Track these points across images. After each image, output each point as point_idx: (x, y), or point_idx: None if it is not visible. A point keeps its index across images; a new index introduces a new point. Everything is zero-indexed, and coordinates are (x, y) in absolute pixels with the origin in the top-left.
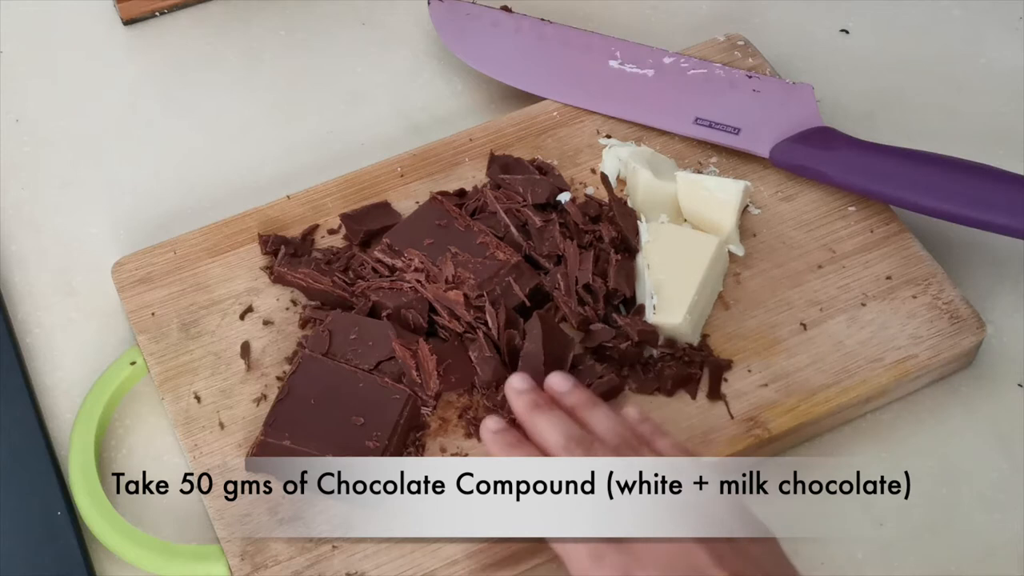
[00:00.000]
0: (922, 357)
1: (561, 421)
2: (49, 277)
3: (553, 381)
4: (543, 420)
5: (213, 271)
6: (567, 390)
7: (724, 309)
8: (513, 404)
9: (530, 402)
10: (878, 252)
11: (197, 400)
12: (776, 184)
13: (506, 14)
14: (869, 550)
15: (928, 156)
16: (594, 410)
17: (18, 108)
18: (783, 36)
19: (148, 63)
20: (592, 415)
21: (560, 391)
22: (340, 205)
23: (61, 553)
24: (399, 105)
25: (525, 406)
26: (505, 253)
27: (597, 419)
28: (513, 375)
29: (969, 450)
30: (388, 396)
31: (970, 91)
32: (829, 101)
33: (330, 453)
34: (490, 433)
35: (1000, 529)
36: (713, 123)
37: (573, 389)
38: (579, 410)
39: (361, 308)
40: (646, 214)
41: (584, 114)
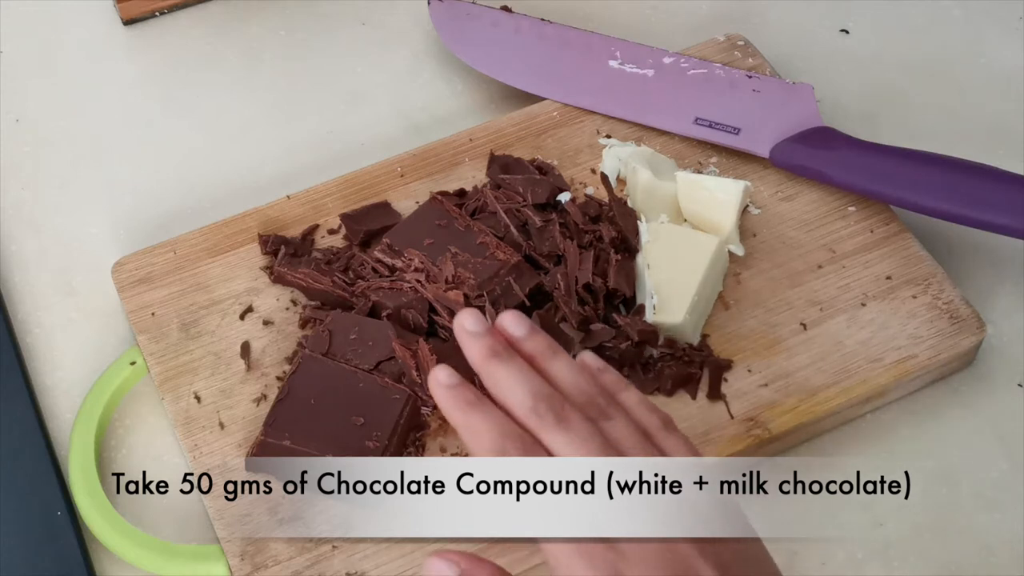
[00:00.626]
0: (922, 357)
1: (524, 375)
2: (49, 277)
3: (507, 322)
4: (503, 372)
5: (213, 271)
6: (524, 334)
7: (724, 309)
8: (466, 349)
9: (487, 348)
10: (878, 252)
11: (197, 400)
12: (776, 184)
13: (506, 14)
14: (869, 550)
15: (928, 156)
16: (555, 359)
17: (18, 108)
18: (783, 36)
19: (148, 63)
20: (554, 364)
21: (517, 335)
22: (340, 205)
23: (61, 553)
24: (399, 105)
25: (481, 353)
26: (505, 253)
27: (559, 370)
28: (463, 312)
29: (969, 450)
30: (388, 396)
31: (970, 91)
32: (829, 101)
33: (330, 453)
34: (443, 389)
35: (1000, 529)
36: (713, 123)
37: (531, 333)
38: (539, 359)
39: (361, 308)
40: (646, 214)
41: (584, 114)
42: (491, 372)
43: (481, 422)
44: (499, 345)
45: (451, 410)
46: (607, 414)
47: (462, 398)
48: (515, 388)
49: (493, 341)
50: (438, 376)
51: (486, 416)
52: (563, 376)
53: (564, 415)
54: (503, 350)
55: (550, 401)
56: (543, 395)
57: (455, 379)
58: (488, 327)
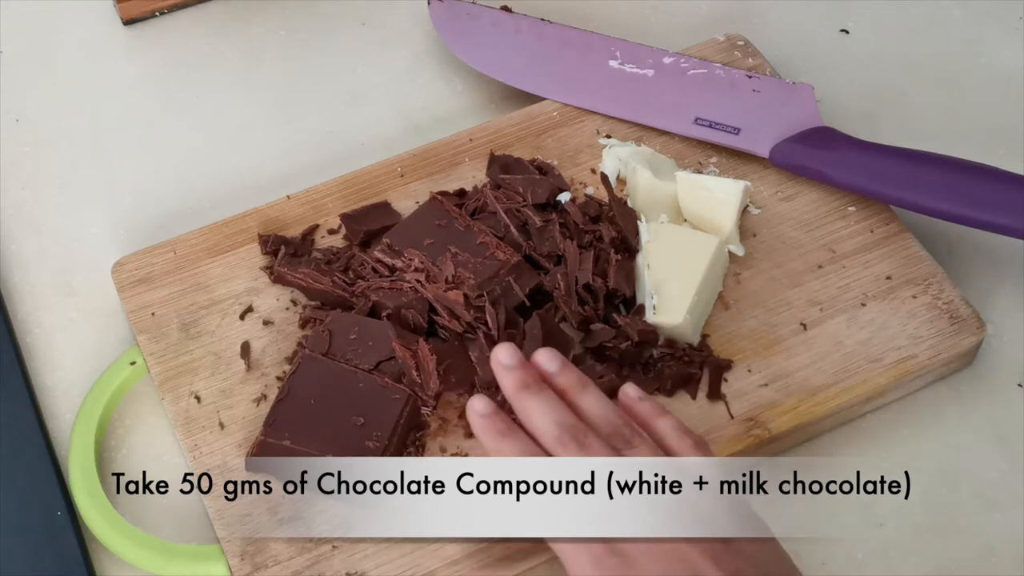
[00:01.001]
0: (922, 357)
1: (552, 406)
2: (49, 277)
3: (541, 359)
4: (533, 403)
5: (213, 271)
6: (556, 370)
7: (724, 309)
8: (500, 381)
9: (519, 381)
10: (878, 252)
11: (197, 400)
12: (776, 184)
13: (506, 14)
14: (869, 550)
15: (928, 156)
16: (584, 393)
17: (18, 108)
18: (783, 36)
19: (148, 63)
20: (583, 398)
21: (549, 371)
22: (340, 205)
23: (61, 553)
24: (399, 105)
25: (514, 385)
26: (505, 253)
27: (588, 403)
28: (500, 346)
29: (969, 450)
30: (388, 396)
31: (970, 91)
32: (829, 101)
33: (330, 453)
34: (478, 417)
35: (1000, 529)
36: (713, 123)
37: (562, 369)
38: (569, 392)
39: (361, 308)
40: (646, 214)
41: (584, 114)
42: (521, 403)
43: (510, 448)
44: (530, 378)
45: (484, 438)
46: (631, 443)
47: (494, 427)
48: (543, 418)
49: (525, 374)
50: (475, 406)
51: (514, 444)
52: (591, 408)
53: (586, 443)
54: (534, 383)
55: (574, 431)
56: (567, 425)
57: (490, 408)
58: (522, 360)
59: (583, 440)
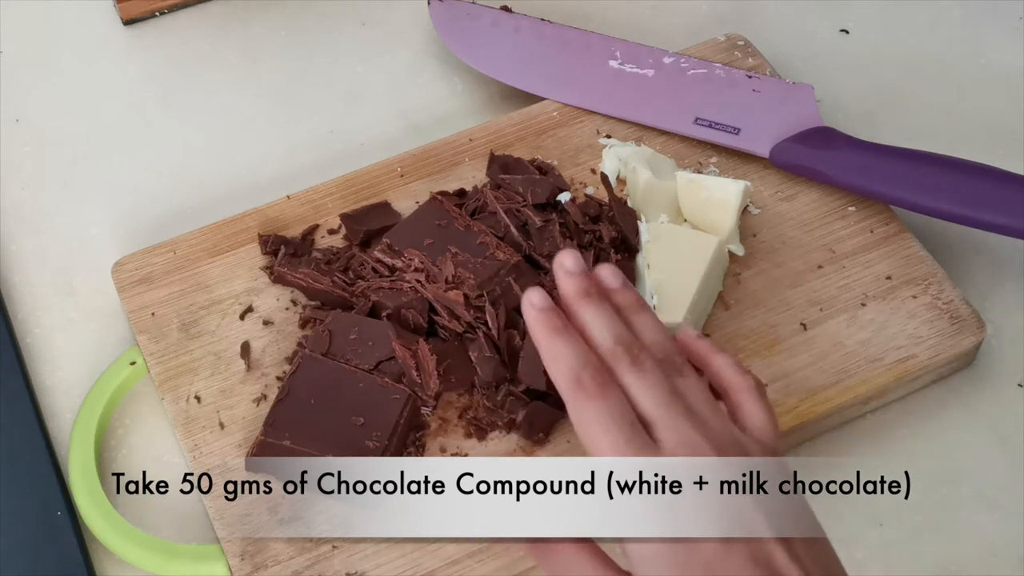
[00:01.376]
0: (922, 357)
1: (611, 318)
2: (49, 277)
3: (604, 274)
4: (592, 312)
5: (213, 271)
6: (617, 287)
7: (724, 309)
8: (561, 284)
9: (580, 288)
10: (878, 252)
11: (197, 400)
12: (776, 184)
13: (506, 14)
14: (869, 550)
15: (928, 156)
16: (641, 313)
17: (18, 108)
18: (783, 36)
19: (148, 63)
20: (638, 318)
21: (611, 286)
22: (340, 205)
23: (61, 553)
24: (399, 105)
25: (575, 290)
26: (505, 253)
27: (643, 324)
28: (564, 252)
29: (969, 450)
30: (388, 396)
31: (970, 91)
32: (829, 101)
33: (330, 453)
34: (535, 310)
35: (1000, 529)
36: (713, 123)
37: (623, 288)
38: (626, 311)
39: (361, 308)
40: (646, 214)
41: (584, 114)
42: (581, 309)
43: (564, 347)
44: (592, 287)
45: (537, 331)
46: (681, 372)
47: (550, 323)
48: (600, 327)
49: (587, 283)
50: (531, 297)
51: (569, 343)
52: (646, 330)
53: (640, 359)
54: (595, 292)
55: (629, 345)
56: (624, 339)
57: (547, 302)
58: (585, 269)
59: (637, 356)
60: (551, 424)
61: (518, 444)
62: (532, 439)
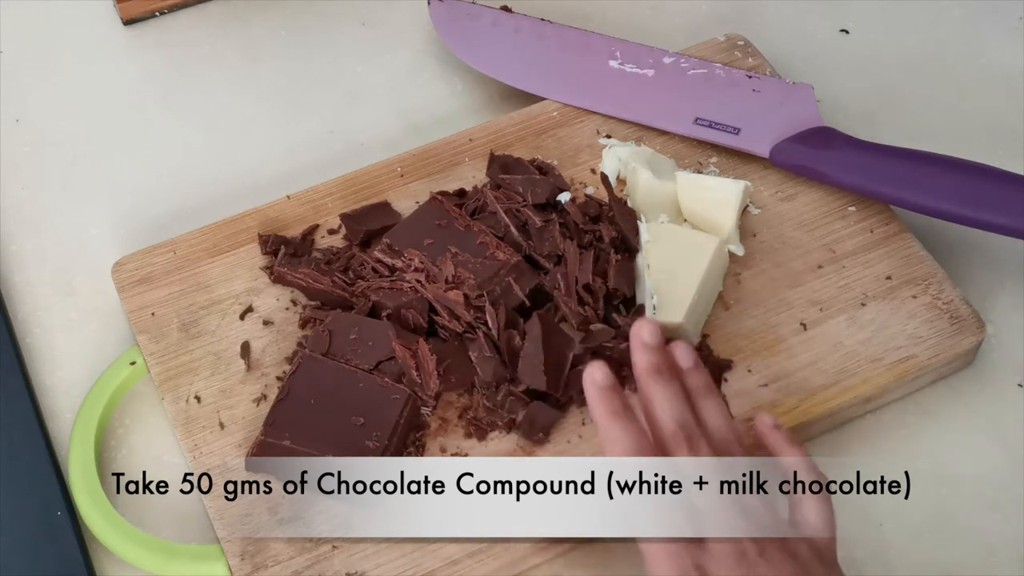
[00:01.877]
0: (922, 357)
1: (678, 401)
2: (49, 277)
3: (679, 352)
4: (660, 390)
5: (213, 271)
6: (689, 367)
7: (724, 309)
8: (635, 356)
9: (653, 364)
10: (878, 252)
11: (197, 400)
12: (776, 184)
13: (506, 14)
14: (869, 550)
15: (928, 156)
16: (708, 399)
17: (18, 108)
18: (783, 36)
19: (148, 63)
20: (706, 405)
21: (684, 366)
22: (340, 205)
23: (61, 553)
24: (399, 105)
25: (647, 366)
26: (505, 253)
27: (710, 412)
28: (643, 322)
29: (969, 450)
30: (388, 396)
31: (970, 91)
32: (829, 101)
33: (330, 453)
34: (596, 388)
35: (1000, 529)
36: (713, 123)
37: (695, 369)
38: (695, 394)
39: (361, 308)
40: (646, 214)
41: (584, 114)
42: (649, 387)
43: (622, 433)
44: (664, 365)
45: (597, 411)
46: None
47: (611, 405)
48: (665, 407)
49: (660, 359)
50: (594, 375)
51: (627, 429)
52: (710, 416)
53: (697, 448)
54: (667, 371)
55: (689, 431)
56: (686, 424)
57: (609, 380)
58: (661, 342)
59: (696, 444)
60: (551, 424)
61: (518, 444)
62: (532, 439)
